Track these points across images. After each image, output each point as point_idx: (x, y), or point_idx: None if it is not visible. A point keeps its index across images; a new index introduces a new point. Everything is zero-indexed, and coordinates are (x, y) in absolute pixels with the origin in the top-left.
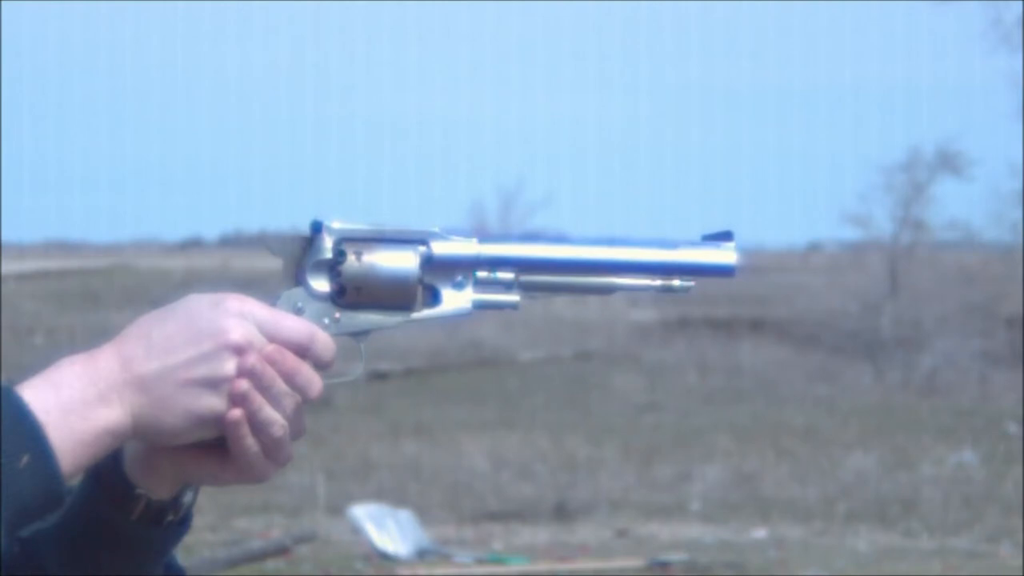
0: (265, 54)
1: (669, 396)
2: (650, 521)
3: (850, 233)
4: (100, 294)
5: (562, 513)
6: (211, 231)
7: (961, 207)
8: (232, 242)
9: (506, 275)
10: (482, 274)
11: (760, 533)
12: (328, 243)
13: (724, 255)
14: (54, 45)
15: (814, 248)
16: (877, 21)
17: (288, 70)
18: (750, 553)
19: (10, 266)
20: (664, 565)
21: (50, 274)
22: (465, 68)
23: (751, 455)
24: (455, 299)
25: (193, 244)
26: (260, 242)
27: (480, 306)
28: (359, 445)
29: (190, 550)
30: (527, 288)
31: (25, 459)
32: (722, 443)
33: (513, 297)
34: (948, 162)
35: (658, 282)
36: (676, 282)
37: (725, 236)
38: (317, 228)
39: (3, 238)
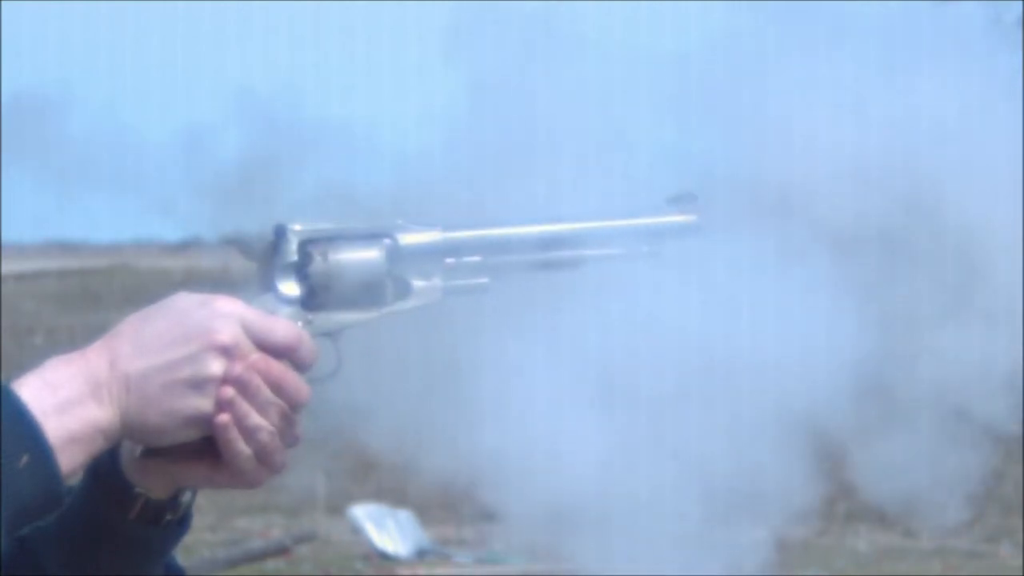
0: (265, 53)
1: None
2: None
3: None
4: (100, 294)
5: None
6: (211, 231)
7: None
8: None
9: (473, 259)
10: (449, 261)
11: (760, 533)
12: (293, 246)
13: (689, 216)
14: (54, 44)
15: None
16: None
17: (288, 70)
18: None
19: (10, 266)
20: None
21: (50, 274)
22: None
23: None
24: (425, 288)
25: (193, 244)
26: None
27: (450, 293)
28: (359, 445)
29: (190, 550)
30: (495, 270)
31: (24, 459)
32: None
33: (482, 280)
34: None
35: (626, 250)
36: (645, 248)
37: (689, 198)
38: (280, 232)
39: (3, 238)
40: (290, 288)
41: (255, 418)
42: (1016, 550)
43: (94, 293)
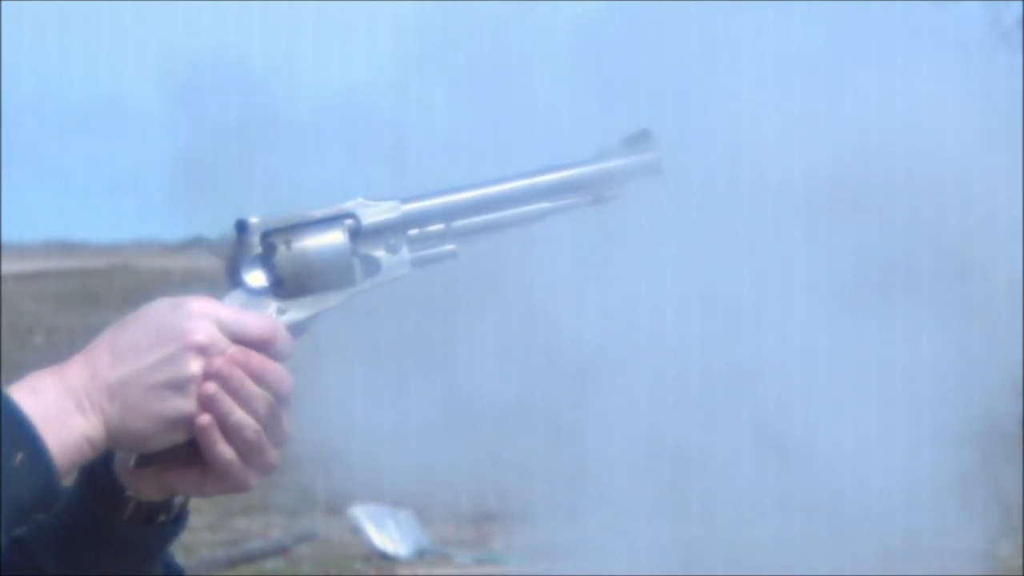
0: (265, 49)
1: None
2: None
3: None
4: (100, 294)
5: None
6: (211, 231)
7: None
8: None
9: (437, 227)
10: (413, 232)
11: (761, 533)
12: (255, 238)
13: (647, 155)
14: (54, 44)
15: None
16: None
17: (288, 65)
18: (750, 553)
19: (10, 266)
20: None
21: (50, 274)
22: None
23: None
24: (393, 263)
25: (193, 244)
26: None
27: (419, 263)
28: (359, 444)
29: (189, 550)
30: (460, 235)
31: (20, 457)
32: None
33: (449, 247)
34: None
35: (588, 197)
36: (608, 193)
37: (643, 135)
38: (242, 226)
39: (3, 238)
40: (258, 280)
41: (239, 414)
42: (1016, 550)
43: (94, 293)
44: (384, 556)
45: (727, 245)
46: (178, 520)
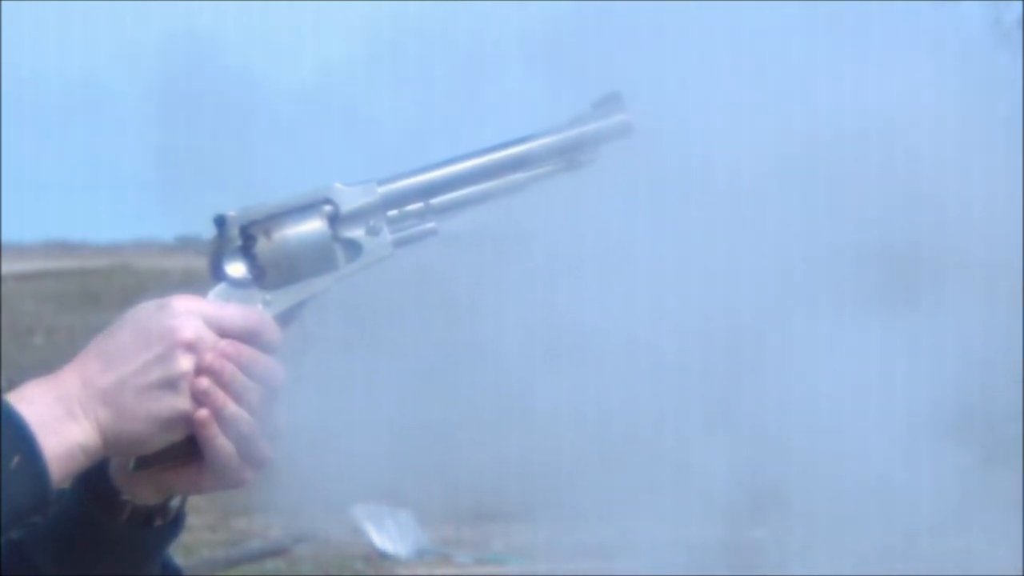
0: (267, 47)
1: None
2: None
3: None
4: (100, 294)
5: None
6: (209, 230)
7: None
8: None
9: (415, 206)
10: (392, 213)
11: (760, 533)
12: (234, 231)
13: (619, 117)
14: (54, 45)
15: None
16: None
17: (285, 62)
18: (750, 553)
19: (10, 266)
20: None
21: (50, 274)
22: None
23: None
24: (375, 245)
25: (186, 244)
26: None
27: (401, 243)
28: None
29: (189, 550)
30: (440, 212)
31: (16, 460)
32: None
33: (429, 225)
34: None
35: (562, 164)
36: (582, 158)
37: (614, 98)
38: (220, 221)
39: (3, 238)
40: (240, 272)
41: (233, 408)
42: (1016, 550)
43: (94, 293)
44: (384, 556)
45: (729, 245)
46: (175, 522)
